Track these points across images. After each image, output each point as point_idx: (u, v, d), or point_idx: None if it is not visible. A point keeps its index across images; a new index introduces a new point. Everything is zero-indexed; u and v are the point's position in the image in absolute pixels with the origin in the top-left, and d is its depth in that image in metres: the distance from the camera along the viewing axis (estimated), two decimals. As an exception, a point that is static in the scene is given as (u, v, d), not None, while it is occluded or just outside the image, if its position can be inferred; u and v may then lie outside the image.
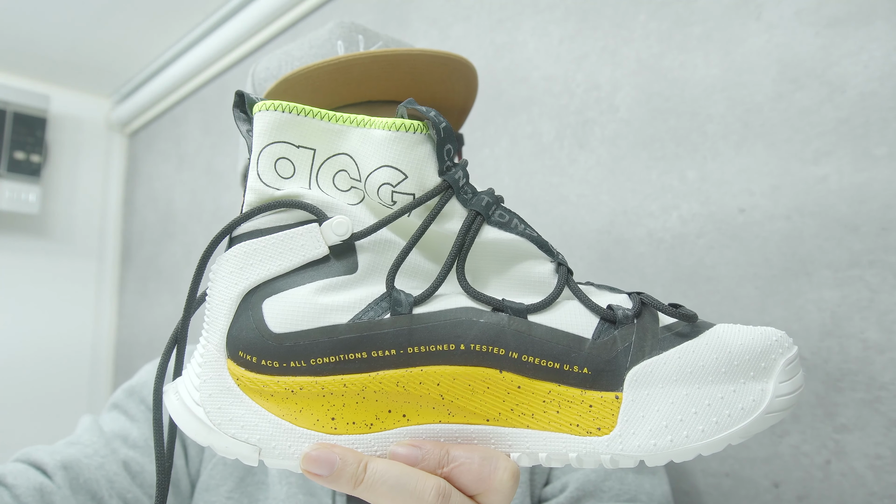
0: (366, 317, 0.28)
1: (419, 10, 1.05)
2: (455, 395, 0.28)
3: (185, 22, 1.56)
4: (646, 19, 0.74)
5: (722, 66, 0.66)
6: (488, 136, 0.91)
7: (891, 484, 0.52)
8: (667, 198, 0.69)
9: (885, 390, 0.53)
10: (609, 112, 0.76)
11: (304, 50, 0.53)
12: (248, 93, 0.31)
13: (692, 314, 0.29)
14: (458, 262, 0.29)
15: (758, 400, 0.27)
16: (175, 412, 0.28)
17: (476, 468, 0.27)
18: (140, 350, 1.82)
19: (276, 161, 0.29)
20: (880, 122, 0.55)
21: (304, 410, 0.28)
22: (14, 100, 1.71)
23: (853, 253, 0.55)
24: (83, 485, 0.48)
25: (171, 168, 1.76)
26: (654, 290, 0.70)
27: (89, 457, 0.50)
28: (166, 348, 0.30)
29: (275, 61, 0.55)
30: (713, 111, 0.66)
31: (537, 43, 0.86)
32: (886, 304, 0.53)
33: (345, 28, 0.54)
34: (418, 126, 0.29)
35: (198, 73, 1.63)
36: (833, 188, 0.57)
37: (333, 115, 0.29)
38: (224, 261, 0.29)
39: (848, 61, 0.57)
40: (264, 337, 0.27)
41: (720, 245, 0.64)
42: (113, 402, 0.59)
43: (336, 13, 1.23)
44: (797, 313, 0.58)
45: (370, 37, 0.54)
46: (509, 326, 0.28)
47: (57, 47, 1.67)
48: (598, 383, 0.28)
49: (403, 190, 0.29)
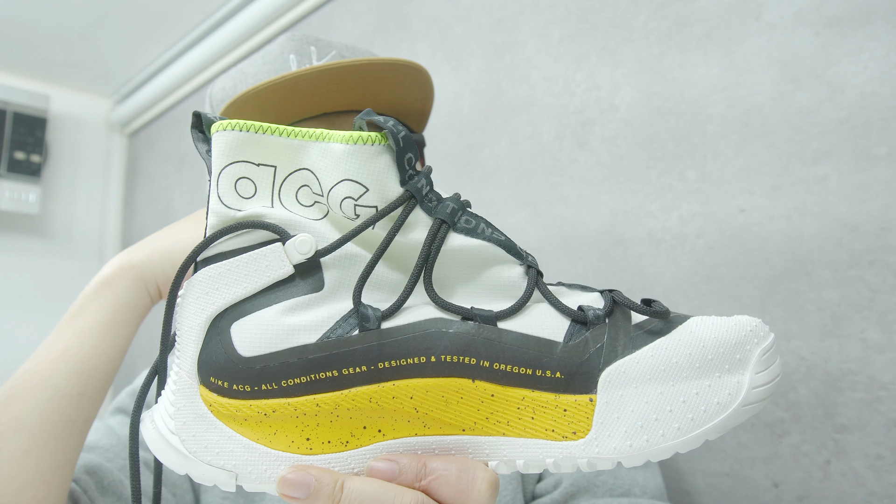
0: (334, 334, 0.27)
1: (419, 10, 1.05)
2: (429, 408, 0.28)
3: (185, 22, 1.56)
4: (646, 19, 0.74)
5: (722, 66, 0.66)
6: (488, 136, 0.91)
7: (891, 484, 0.52)
8: (667, 198, 0.69)
9: (885, 390, 0.53)
10: (609, 112, 0.76)
11: (258, 66, 0.53)
12: (206, 113, 0.30)
13: (664, 310, 0.29)
14: (425, 272, 0.29)
15: (734, 393, 0.27)
16: (151, 441, 0.28)
17: (454, 479, 0.27)
18: (140, 350, 1.82)
19: (237, 181, 0.28)
20: (880, 122, 0.55)
21: (279, 433, 0.28)
22: (14, 100, 1.71)
23: (853, 253, 0.55)
24: (109, 486, 0.48)
25: (171, 168, 1.76)
26: (654, 290, 0.70)
27: (111, 460, 0.51)
28: (144, 381, 0.30)
29: (229, 80, 0.55)
30: (713, 111, 0.66)
31: (537, 43, 0.86)
32: (886, 304, 0.53)
33: (296, 41, 0.54)
34: (376, 137, 0.28)
35: (198, 73, 1.63)
36: (833, 188, 0.57)
37: (292, 131, 0.29)
38: (190, 287, 0.28)
39: (848, 61, 0.57)
40: (234, 361, 0.27)
41: (720, 245, 0.64)
42: (117, 405, 0.59)
43: (336, 13, 1.23)
44: (797, 313, 0.58)
45: (322, 47, 0.54)
46: (479, 335, 0.28)
47: (57, 47, 1.67)
48: (571, 387, 0.28)
49: (366, 203, 0.28)
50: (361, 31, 1.16)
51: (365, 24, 1.15)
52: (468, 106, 0.95)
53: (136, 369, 1.82)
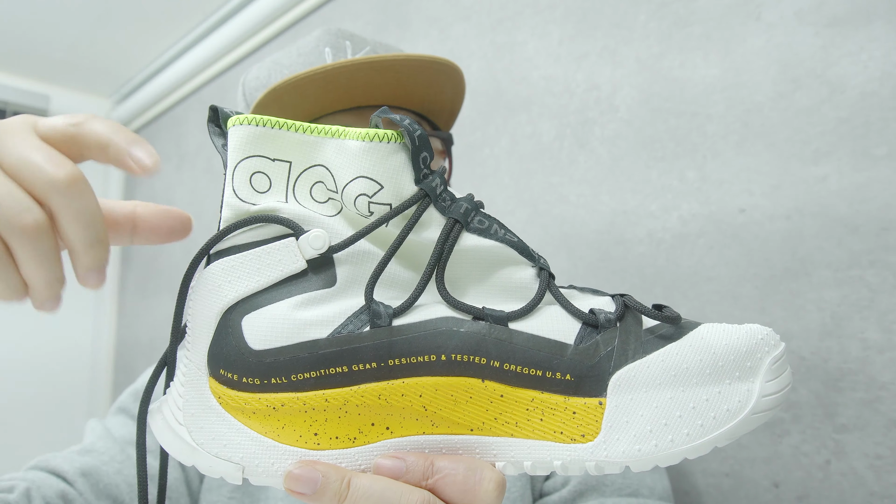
0: (345, 330, 0.27)
1: (419, 10, 1.05)
2: (438, 406, 0.28)
3: (185, 22, 1.56)
4: (646, 19, 0.74)
5: (722, 66, 0.66)
6: (488, 136, 0.91)
7: (891, 484, 0.52)
8: (667, 198, 0.69)
9: (885, 390, 0.53)
10: (609, 112, 0.76)
11: (293, 58, 0.54)
12: (222, 107, 0.31)
13: (676, 315, 0.29)
14: (438, 271, 0.29)
15: (743, 401, 0.27)
16: (159, 432, 0.28)
17: (461, 479, 0.27)
18: (140, 350, 1.82)
19: (252, 175, 0.29)
20: (880, 122, 0.55)
21: (287, 427, 0.28)
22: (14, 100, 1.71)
23: (853, 253, 0.55)
24: (104, 490, 0.49)
25: (171, 168, 1.76)
26: (654, 290, 0.70)
27: (106, 463, 0.51)
28: (153, 372, 0.30)
29: (264, 70, 0.55)
30: (713, 111, 0.66)
31: (537, 43, 0.86)
32: (886, 304, 0.53)
33: (332, 35, 0.54)
34: (392, 135, 0.29)
35: (198, 73, 1.63)
36: (833, 188, 0.57)
37: (308, 127, 0.29)
38: (202, 279, 0.28)
39: (848, 61, 0.57)
40: (244, 354, 0.27)
41: (720, 245, 0.64)
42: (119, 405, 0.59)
43: (336, 13, 1.23)
44: (797, 313, 0.58)
45: (357, 42, 0.55)
46: (490, 335, 0.28)
47: (57, 47, 1.67)
48: (581, 389, 0.28)
49: (380, 200, 0.28)
50: (361, 31, 1.16)
51: (365, 23, 1.15)
52: (468, 106, 0.95)
53: (137, 369, 1.83)
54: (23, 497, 0.43)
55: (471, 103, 0.95)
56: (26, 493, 0.44)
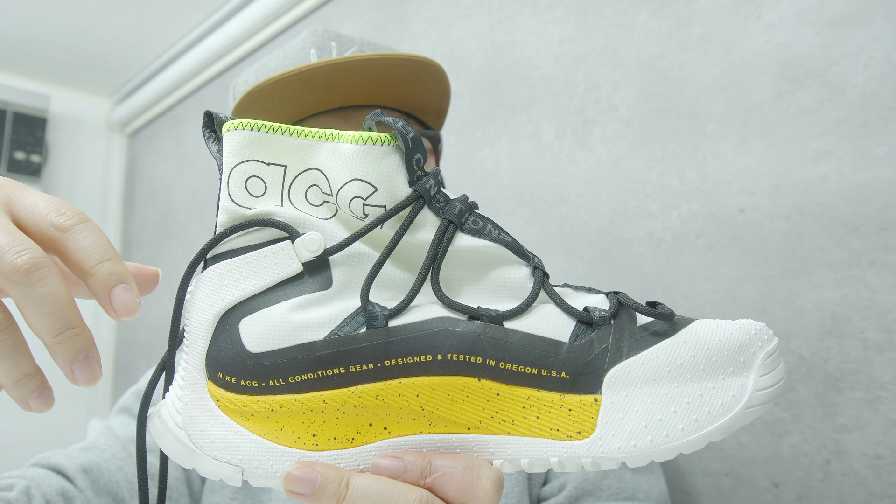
0: (342, 332, 0.28)
1: (419, 10, 1.05)
2: (435, 406, 0.28)
3: (185, 21, 1.56)
4: (646, 19, 0.74)
5: (722, 66, 0.66)
6: (488, 136, 0.91)
7: (891, 484, 0.52)
8: (667, 198, 0.69)
9: (885, 390, 0.53)
10: (609, 112, 0.76)
11: (279, 60, 0.54)
12: (217, 112, 0.31)
13: (669, 312, 0.29)
14: (433, 271, 0.29)
15: (738, 395, 0.27)
16: (158, 436, 0.28)
17: (459, 477, 0.27)
18: (140, 349, 1.82)
19: (247, 180, 0.29)
20: (880, 122, 0.55)
21: (285, 428, 0.28)
22: (14, 100, 1.71)
23: (853, 253, 0.55)
24: (104, 487, 0.49)
25: (171, 168, 1.76)
26: (653, 290, 0.70)
27: (108, 461, 0.51)
28: (152, 377, 0.30)
29: (252, 74, 0.55)
30: (713, 111, 0.66)
31: (537, 43, 0.86)
32: (886, 304, 0.53)
33: (318, 36, 0.54)
34: (385, 138, 0.29)
35: (198, 73, 1.63)
36: (833, 188, 0.57)
37: (303, 131, 0.29)
38: (199, 283, 0.29)
39: (848, 61, 0.57)
40: (242, 357, 0.27)
41: (720, 245, 0.64)
42: (121, 405, 0.59)
43: (336, 13, 1.23)
44: (797, 313, 0.58)
45: (344, 43, 0.54)
46: (485, 334, 0.28)
47: (57, 47, 1.67)
48: (576, 387, 0.28)
49: (374, 202, 0.29)
50: (361, 31, 1.16)
51: (365, 23, 1.15)
52: (468, 106, 0.95)
53: (137, 369, 1.83)
54: (22, 495, 0.43)
55: (471, 103, 0.95)
56: (26, 491, 0.44)
